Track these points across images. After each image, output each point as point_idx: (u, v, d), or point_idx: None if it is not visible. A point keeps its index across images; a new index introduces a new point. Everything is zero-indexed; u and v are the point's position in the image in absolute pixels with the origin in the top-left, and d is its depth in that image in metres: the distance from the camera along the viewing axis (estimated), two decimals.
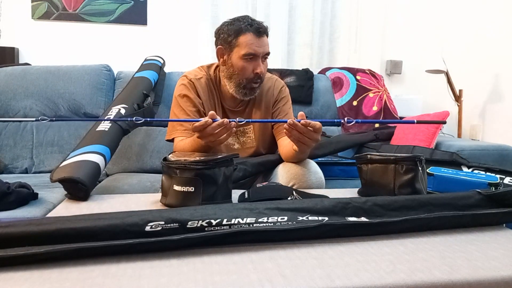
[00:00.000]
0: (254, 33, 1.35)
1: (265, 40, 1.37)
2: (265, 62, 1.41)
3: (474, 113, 2.60)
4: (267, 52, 1.39)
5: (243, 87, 1.40)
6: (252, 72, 1.37)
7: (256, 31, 1.35)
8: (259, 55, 1.36)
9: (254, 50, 1.35)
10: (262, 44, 1.36)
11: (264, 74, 1.42)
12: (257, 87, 1.42)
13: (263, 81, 1.43)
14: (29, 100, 2.01)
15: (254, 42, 1.35)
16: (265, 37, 1.38)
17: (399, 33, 2.83)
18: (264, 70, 1.41)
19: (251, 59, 1.37)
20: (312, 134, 1.12)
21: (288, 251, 0.72)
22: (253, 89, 1.42)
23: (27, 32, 2.44)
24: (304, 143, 1.15)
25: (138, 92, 1.82)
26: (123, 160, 1.96)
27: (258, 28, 1.35)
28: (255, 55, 1.36)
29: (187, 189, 0.93)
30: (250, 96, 1.43)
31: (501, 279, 0.64)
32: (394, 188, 1.02)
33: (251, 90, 1.41)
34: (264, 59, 1.40)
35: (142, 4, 2.54)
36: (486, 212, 0.88)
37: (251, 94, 1.43)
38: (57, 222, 0.69)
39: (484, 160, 1.70)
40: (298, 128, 1.11)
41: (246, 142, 1.50)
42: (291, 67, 2.65)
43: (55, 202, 1.24)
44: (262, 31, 1.36)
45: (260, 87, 1.44)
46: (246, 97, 1.43)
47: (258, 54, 1.36)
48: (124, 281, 0.60)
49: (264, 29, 1.37)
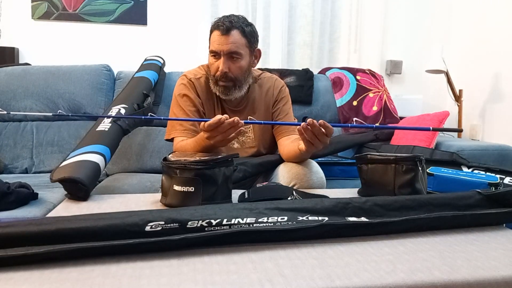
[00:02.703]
0: (219, 30, 1.34)
1: (229, 39, 1.33)
2: (235, 61, 1.36)
3: (474, 113, 2.60)
4: (230, 50, 1.34)
5: (215, 83, 1.40)
6: (217, 70, 1.37)
7: (221, 29, 1.34)
8: (220, 53, 1.35)
9: (215, 47, 1.35)
10: (225, 42, 1.33)
11: (236, 74, 1.38)
12: (231, 87, 1.38)
13: (237, 81, 1.39)
14: (29, 100, 2.01)
15: (217, 39, 1.35)
16: (231, 35, 1.34)
17: (399, 33, 2.83)
18: (233, 69, 1.36)
19: (215, 56, 1.37)
20: (324, 137, 1.13)
21: (288, 251, 0.72)
22: (226, 88, 1.38)
23: (27, 32, 2.44)
24: (313, 144, 1.15)
25: (138, 92, 1.82)
26: (123, 160, 1.96)
27: (222, 26, 1.33)
28: (217, 52, 1.36)
29: (187, 189, 0.93)
30: (225, 95, 1.41)
31: (501, 279, 0.64)
32: (394, 188, 1.02)
33: (224, 89, 1.39)
34: (232, 58, 1.36)
35: (142, 4, 2.54)
36: (486, 212, 0.88)
37: (226, 94, 1.40)
38: (57, 222, 0.69)
39: (484, 160, 1.70)
40: (315, 129, 1.11)
41: (245, 142, 1.50)
42: (291, 67, 2.64)
43: (55, 202, 1.24)
44: (224, 29, 1.33)
45: (240, 89, 1.41)
46: (222, 95, 1.41)
47: (219, 52, 1.35)
48: (124, 281, 0.60)
49: (230, 27, 1.33)
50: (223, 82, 1.38)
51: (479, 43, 2.59)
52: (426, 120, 1.96)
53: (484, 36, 2.55)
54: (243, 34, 1.37)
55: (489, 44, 2.50)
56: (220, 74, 1.36)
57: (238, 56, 1.37)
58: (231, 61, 1.37)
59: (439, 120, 1.90)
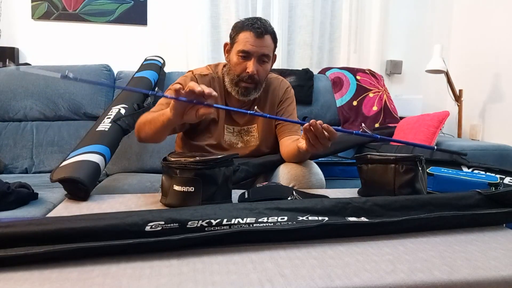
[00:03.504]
0: (253, 32, 1.34)
1: (263, 42, 1.35)
2: (263, 65, 1.39)
3: (474, 113, 2.60)
4: (263, 53, 1.36)
5: (236, 84, 1.39)
6: (244, 71, 1.37)
7: (256, 31, 1.34)
8: (253, 54, 1.35)
9: (248, 48, 1.35)
10: (258, 44, 1.35)
11: (261, 77, 1.40)
12: (251, 88, 1.39)
13: (259, 83, 1.40)
14: (29, 100, 2.01)
15: (250, 40, 1.34)
16: (265, 39, 1.36)
17: (399, 33, 2.83)
18: (261, 72, 1.38)
19: (245, 57, 1.36)
20: (326, 141, 1.12)
21: (288, 251, 0.72)
22: (247, 89, 1.39)
23: (27, 32, 2.44)
24: (314, 145, 1.15)
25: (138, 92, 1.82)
26: (123, 160, 1.96)
27: (258, 28, 1.34)
28: (249, 53, 1.35)
29: (187, 189, 0.93)
30: (244, 96, 1.40)
31: (501, 279, 0.64)
32: (394, 188, 1.02)
33: (245, 90, 1.39)
34: (262, 61, 1.38)
35: (142, 4, 2.54)
36: (486, 212, 0.88)
37: (245, 95, 1.40)
38: (57, 222, 0.69)
39: (484, 160, 1.70)
40: (317, 131, 1.10)
41: (250, 140, 1.50)
42: (291, 67, 2.64)
43: (55, 202, 1.24)
44: (261, 32, 1.34)
45: (258, 91, 1.42)
46: (240, 96, 1.40)
47: (252, 52, 1.35)
48: (124, 281, 0.60)
49: (264, 31, 1.35)
50: (247, 83, 1.38)
51: (479, 43, 2.59)
52: (426, 120, 1.96)
53: (484, 36, 2.55)
54: (273, 40, 1.40)
55: (489, 44, 2.50)
56: (248, 75, 1.36)
57: (267, 59, 1.39)
58: (260, 64, 1.38)
59: (439, 120, 1.90)
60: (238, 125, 1.48)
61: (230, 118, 1.47)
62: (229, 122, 1.47)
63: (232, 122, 1.48)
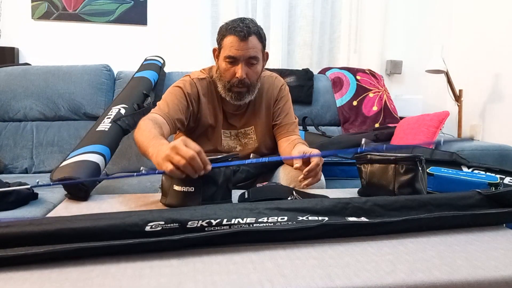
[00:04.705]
0: (236, 35, 1.29)
1: (248, 44, 1.30)
2: (252, 67, 1.34)
3: (474, 113, 2.60)
4: (250, 55, 1.31)
5: (228, 89, 1.36)
6: (233, 76, 1.33)
7: (239, 34, 1.29)
8: (239, 59, 1.31)
9: (233, 53, 1.30)
10: (243, 48, 1.30)
11: (252, 80, 1.36)
12: (244, 92, 1.36)
13: (251, 86, 1.36)
14: (29, 100, 2.01)
15: (235, 45, 1.30)
16: (249, 41, 1.30)
17: (399, 33, 2.83)
18: (251, 75, 1.34)
19: (232, 62, 1.32)
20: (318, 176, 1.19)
21: (288, 251, 0.72)
22: (239, 94, 1.36)
23: (27, 32, 2.44)
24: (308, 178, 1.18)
25: (138, 92, 1.82)
26: (123, 160, 1.96)
27: (241, 31, 1.29)
28: (235, 58, 1.31)
29: (187, 189, 0.93)
30: (238, 101, 1.38)
31: (501, 279, 0.64)
32: (394, 188, 1.01)
33: (238, 95, 1.36)
34: (250, 64, 1.33)
35: (142, 4, 2.54)
36: (486, 212, 0.87)
37: (239, 99, 1.37)
38: (57, 222, 0.69)
39: (484, 160, 1.70)
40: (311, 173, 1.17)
41: (248, 143, 1.49)
42: (291, 67, 2.64)
43: (55, 202, 1.24)
44: (244, 34, 1.28)
45: (251, 93, 1.38)
46: (234, 101, 1.38)
47: (238, 57, 1.31)
48: (124, 281, 0.60)
49: (248, 33, 1.29)
50: (239, 88, 1.35)
51: (479, 43, 2.59)
52: (426, 120, 1.96)
53: (484, 36, 2.55)
54: (259, 39, 1.35)
55: (489, 44, 2.50)
56: (238, 80, 1.33)
57: (255, 61, 1.34)
58: (249, 67, 1.34)
59: (439, 120, 1.90)
60: (235, 128, 1.47)
61: (226, 122, 1.46)
62: (226, 127, 1.46)
63: (229, 126, 1.47)
